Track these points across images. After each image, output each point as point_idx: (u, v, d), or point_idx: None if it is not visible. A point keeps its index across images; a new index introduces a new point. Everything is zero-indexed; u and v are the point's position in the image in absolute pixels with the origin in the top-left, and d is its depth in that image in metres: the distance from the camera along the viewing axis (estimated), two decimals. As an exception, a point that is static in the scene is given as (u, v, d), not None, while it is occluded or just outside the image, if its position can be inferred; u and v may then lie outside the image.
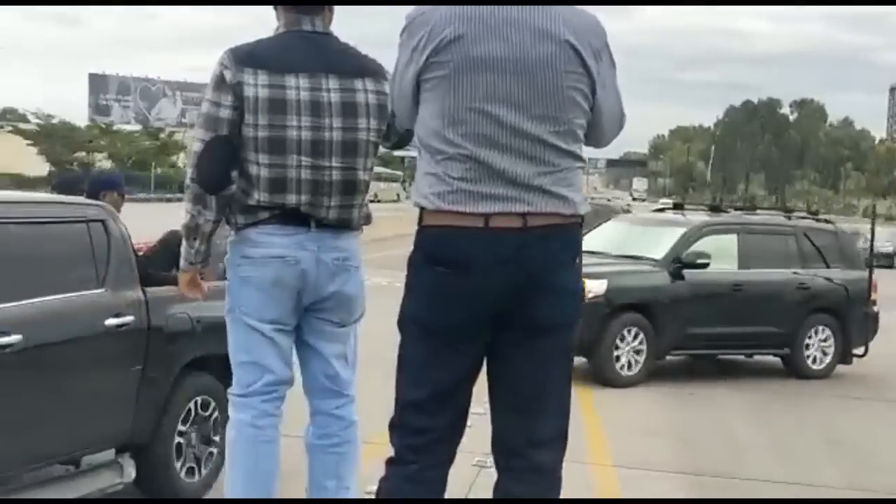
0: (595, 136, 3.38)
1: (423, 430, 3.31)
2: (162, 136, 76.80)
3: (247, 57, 4.01)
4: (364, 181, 4.18)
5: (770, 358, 12.09)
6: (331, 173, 4.05)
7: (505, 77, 3.13)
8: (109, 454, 5.12)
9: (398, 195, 68.73)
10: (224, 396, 5.38)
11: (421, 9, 3.21)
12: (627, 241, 12.01)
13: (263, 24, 4.40)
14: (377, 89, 4.13)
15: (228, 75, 3.98)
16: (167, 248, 6.13)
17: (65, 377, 4.66)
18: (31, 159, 70.30)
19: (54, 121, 68.75)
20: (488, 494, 3.42)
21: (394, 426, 3.39)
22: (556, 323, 3.25)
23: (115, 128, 75.93)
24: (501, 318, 3.21)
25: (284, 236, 4.05)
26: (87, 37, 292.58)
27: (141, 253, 5.80)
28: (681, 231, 11.43)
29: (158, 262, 5.86)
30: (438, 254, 3.19)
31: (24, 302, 4.45)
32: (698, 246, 11.14)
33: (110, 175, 6.54)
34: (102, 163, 70.56)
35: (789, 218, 12.78)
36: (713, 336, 11.13)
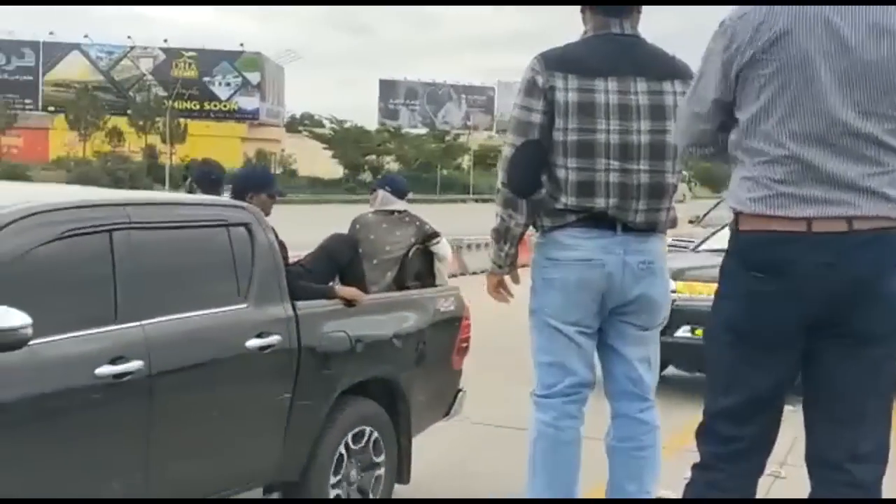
0: None
1: (731, 439, 3.25)
2: (447, 138, 78.82)
3: (557, 61, 4.06)
4: (672, 184, 4.14)
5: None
6: (639, 177, 4.04)
7: (837, 74, 3.01)
8: (255, 493, 4.57)
9: (684, 195, 67.57)
10: (387, 423, 4.98)
11: (740, 10, 3.12)
12: None
13: (550, 28, 4.41)
14: (685, 91, 4.08)
15: (540, 80, 4.04)
16: (328, 254, 5.56)
17: (199, 408, 4.08)
18: (326, 162, 74.07)
19: (347, 125, 72.02)
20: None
21: (701, 433, 3.34)
22: (883, 331, 3.10)
23: (402, 131, 78.65)
24: (821, 326, 3.10)
25: (590, 239, 4.07)
26: (376, 45, 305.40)
27: (297, 261, 5.22)
28: None
29: (318, 272, 5.24)
30: (756, 259, 3.11)
31: (149, 321, 3.83)
32: None
33: (260, 173, 5.69)
34: (390, 165, 73.37)
35: None
36: None
